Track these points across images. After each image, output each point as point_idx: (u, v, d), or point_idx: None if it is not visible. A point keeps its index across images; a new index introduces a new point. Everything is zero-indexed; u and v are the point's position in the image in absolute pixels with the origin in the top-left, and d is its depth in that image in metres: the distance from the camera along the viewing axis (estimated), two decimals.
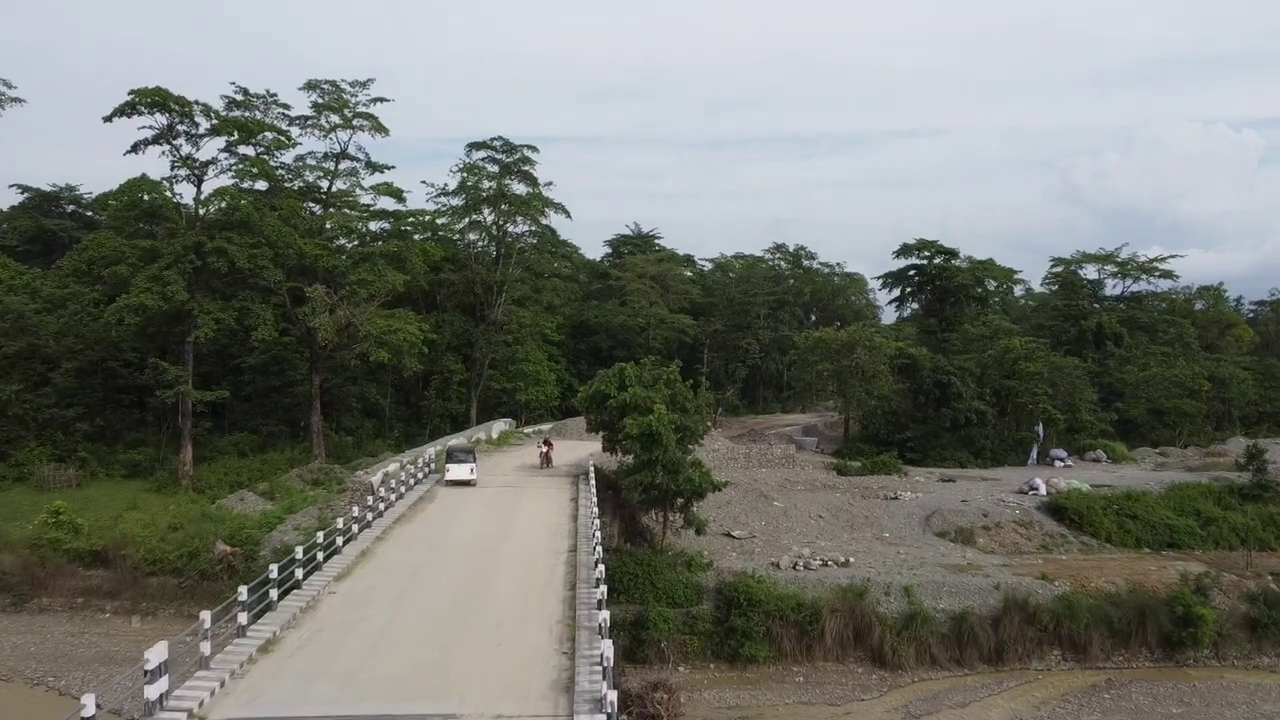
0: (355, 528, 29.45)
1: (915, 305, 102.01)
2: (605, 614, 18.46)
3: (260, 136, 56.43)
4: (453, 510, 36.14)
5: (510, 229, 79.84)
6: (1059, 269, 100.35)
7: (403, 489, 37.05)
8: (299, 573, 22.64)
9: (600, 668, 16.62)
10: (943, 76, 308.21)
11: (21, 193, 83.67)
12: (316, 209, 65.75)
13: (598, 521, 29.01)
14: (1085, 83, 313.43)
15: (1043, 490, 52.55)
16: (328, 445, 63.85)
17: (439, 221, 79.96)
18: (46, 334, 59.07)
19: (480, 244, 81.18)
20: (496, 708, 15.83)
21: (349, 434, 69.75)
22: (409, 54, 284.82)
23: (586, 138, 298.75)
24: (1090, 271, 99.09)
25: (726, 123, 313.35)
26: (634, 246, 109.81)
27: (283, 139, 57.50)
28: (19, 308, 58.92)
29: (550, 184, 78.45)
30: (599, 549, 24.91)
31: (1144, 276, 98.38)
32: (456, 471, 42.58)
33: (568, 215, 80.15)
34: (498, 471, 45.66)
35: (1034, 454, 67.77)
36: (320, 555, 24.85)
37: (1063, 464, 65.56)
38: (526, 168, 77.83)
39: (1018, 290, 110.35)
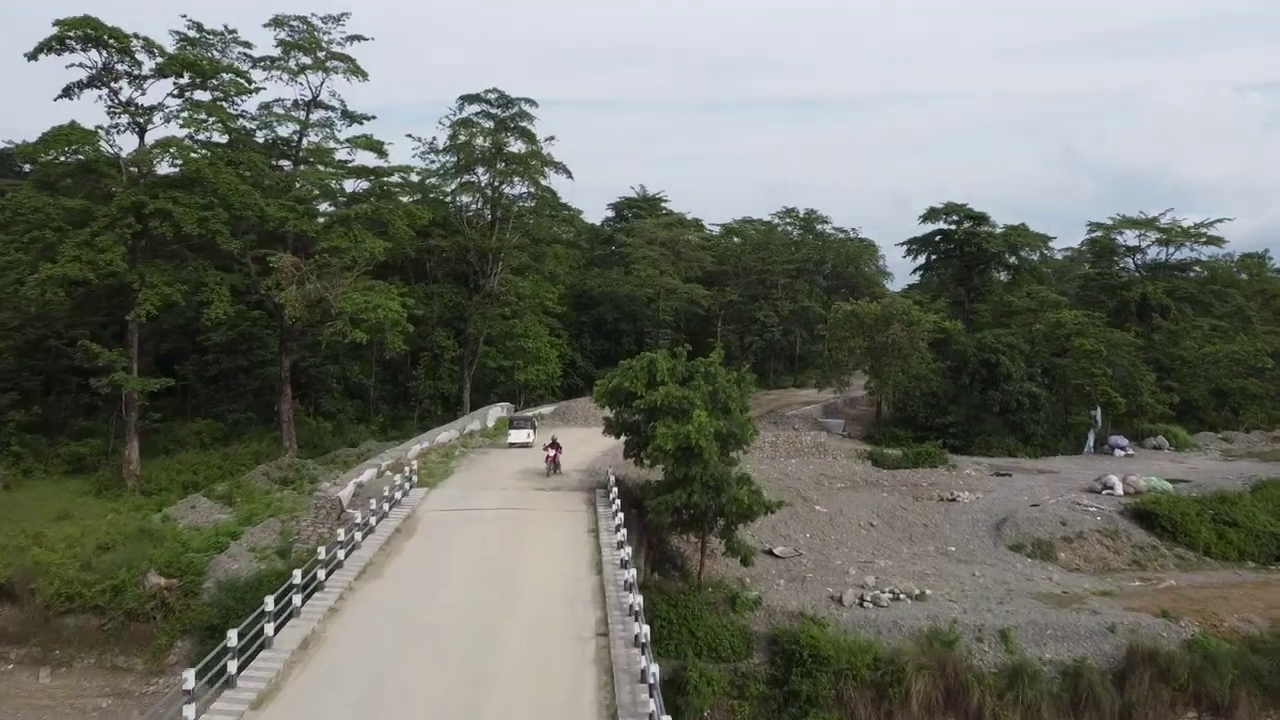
0: (298, 598, 20.87)
1: (933, 274, 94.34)
2: None
3: (216, 79, 48.32)
4: (437, 551, 27.76)
5: (507, 190, 71.99)
6: (1097, 234, 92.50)
7: (372, 519, 28.64)
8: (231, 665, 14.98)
9: None
10: (942, 39, 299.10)
11: None
12: (288, 165, 57.71)
13: (639, 597, 20.86)
14: (1086, 46, 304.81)
15: (1119, 489, 46.14)
16: (304, 432, 56.57)
17: (429, 182, 72.08)
18: None
19: (474, 207, 73.27)
20: None
21: (328, 418, 62.42)
22: (398, 17, 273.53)
23: (583, 101, 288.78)
24: (1130, 238, 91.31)
25: (724, 85, 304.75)
26: (639, 209, 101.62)
27: (242, 82, 49.27)
28: None
29: (552, 139, 70.49)
30: (647, 650, 17.08)
31: (1187, 243, 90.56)
32: (516, 436, 49.28)
33: (569, 175, 72.37)
34: (494, 484, 37.51)
35: (1090, 441, 60.94)
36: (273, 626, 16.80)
37: (1124, 453, 58.88)
38: (524, 123, 69.85)
39: (1034, 258, 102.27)
